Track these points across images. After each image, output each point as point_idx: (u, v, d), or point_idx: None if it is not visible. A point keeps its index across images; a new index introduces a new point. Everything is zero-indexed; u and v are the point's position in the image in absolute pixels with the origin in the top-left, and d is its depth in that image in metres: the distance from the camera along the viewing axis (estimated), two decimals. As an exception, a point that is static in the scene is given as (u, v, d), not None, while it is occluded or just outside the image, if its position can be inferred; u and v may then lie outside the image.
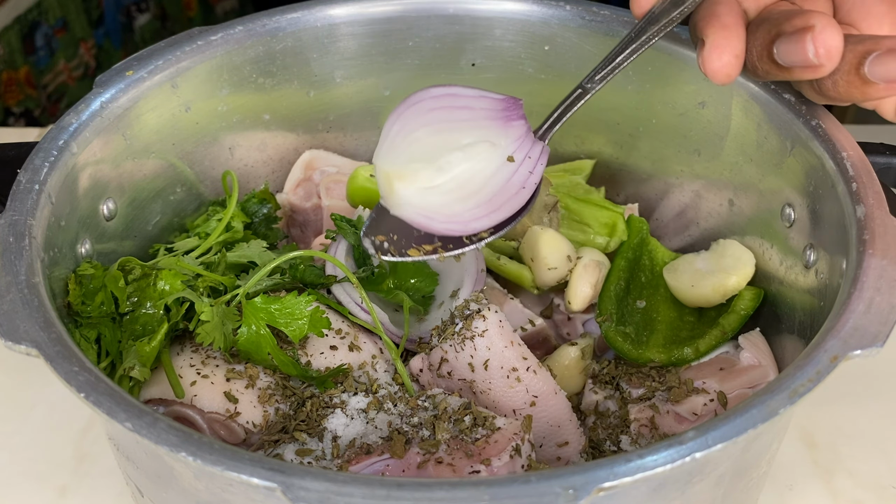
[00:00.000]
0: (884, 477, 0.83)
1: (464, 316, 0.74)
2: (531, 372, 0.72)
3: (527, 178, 0.70)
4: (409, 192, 0.68)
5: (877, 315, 0.59)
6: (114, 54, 2.32)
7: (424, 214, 0.69)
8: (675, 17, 0.68)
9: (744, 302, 0.81)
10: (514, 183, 0.70)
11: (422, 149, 0.69)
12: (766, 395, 0.54)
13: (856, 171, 0.68)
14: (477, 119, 0.70)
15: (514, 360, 0.72)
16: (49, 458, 0.85)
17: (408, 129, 0.69)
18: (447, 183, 0.69)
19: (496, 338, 0.72)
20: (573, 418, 0.74)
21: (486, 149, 0.69)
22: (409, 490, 0.49)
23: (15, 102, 2.02)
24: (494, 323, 0.72)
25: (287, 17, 0.86)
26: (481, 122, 0.70)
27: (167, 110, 0.81)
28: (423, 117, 0.69)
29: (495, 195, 0.69)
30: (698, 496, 0.60)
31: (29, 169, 0.69)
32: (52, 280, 0.66)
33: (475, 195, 0.69)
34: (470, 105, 0.70)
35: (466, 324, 0.72)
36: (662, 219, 0.93)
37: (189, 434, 0.52)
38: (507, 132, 0.70)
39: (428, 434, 0.66)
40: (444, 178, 0.69)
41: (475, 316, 0.72)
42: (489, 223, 0.70)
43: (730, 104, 0.81)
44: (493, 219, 0.70)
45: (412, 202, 0.69)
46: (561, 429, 0.74)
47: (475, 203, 0.69)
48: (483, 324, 0.72)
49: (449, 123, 0.69)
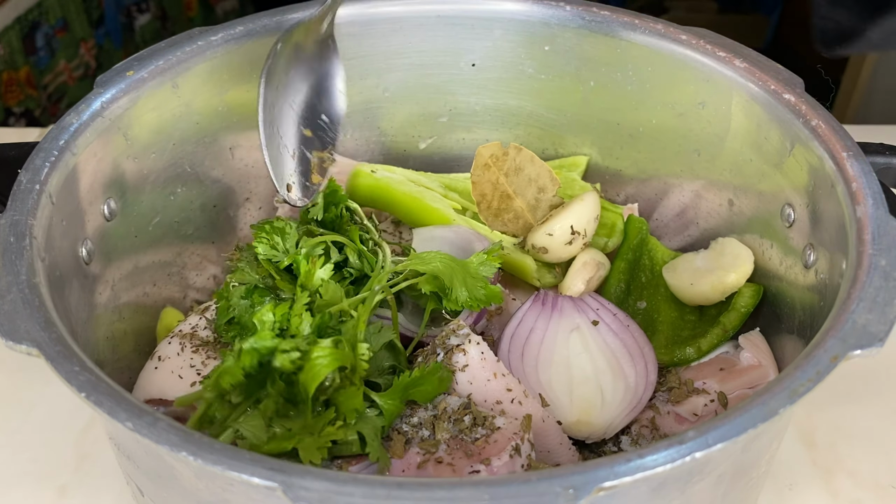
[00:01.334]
0: (884, 477, 0.83)
1: (445, 348, 0.72)
2: (516, 403, 0.71)
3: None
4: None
5: (877, 315, 0.59)
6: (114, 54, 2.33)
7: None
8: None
9: (743, 299, 0.81)
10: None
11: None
12: (766, 395, 0.54)
13: (856, 171, 0.68)
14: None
15: (498, 392, 0.71)
16: (49, 458, 0.85)
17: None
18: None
19: (478, 372, 0.70)
20: (564, 440, 0.73)
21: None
22: (409, 490, 0.49)
23: (15, 102, 2.03)
24: (476, 357, 0.71)
25: (287, 17, 0.86)
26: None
27: (167, 110, 0.81)
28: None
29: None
30: (698, 496, 0.60)
31: (30, 169, 0.69)
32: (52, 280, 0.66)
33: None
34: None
35: (447, 357, 0.71)
36: (662, 219, 0.93)
37: (190, 434, 0.52)
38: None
39: (428, 434, 0.66)
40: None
41: (455, 350, 0.71)
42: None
43: (730, 104, 0.81)
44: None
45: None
46: (552, 453, 0.73)
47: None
48: (464, 358, 0.70)
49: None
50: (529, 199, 0.86)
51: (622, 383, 0.76)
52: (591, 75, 0.89)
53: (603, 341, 0.78)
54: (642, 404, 0.76)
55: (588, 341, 0.77)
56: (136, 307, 0.81)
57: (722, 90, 0.81)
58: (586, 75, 0.89)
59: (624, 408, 0.75)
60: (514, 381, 0.71)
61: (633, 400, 0.75)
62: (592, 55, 0.87)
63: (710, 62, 0.81)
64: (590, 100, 0.91)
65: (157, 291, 0.85)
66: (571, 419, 0.74)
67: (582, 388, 0.75)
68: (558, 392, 0.75)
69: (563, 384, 0.76)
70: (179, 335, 0.77)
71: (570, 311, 0.79)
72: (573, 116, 0.93)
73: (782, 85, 0.76)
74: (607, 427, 0.75)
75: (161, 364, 0.74)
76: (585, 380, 0.76)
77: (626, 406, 0.75)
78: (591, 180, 0.95)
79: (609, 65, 0.87)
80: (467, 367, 0.70)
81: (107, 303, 0.76)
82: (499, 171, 0.85)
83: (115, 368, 0.76)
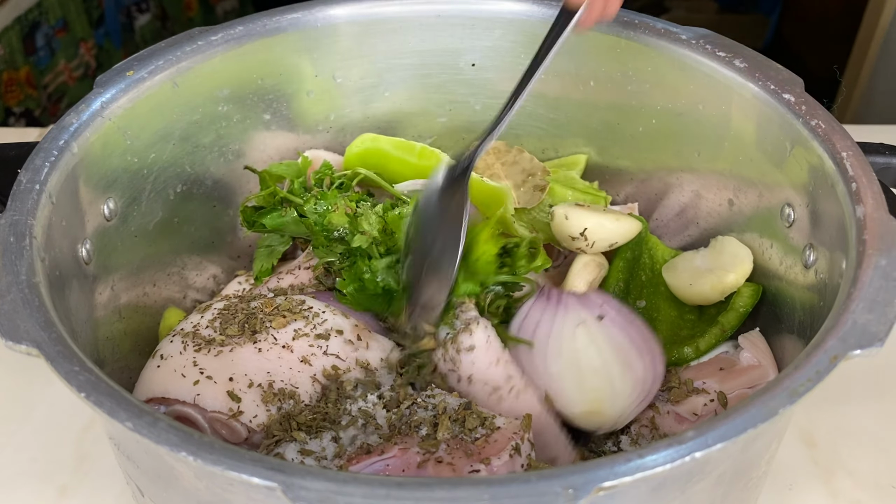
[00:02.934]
0: (884, 477, 0.83)
1: (453, 326, 0.73)
2: (514, 394, 0.72)
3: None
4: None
5: (877, 315, 0.58)
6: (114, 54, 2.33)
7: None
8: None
9: (742, 299, 0.81)
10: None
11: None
12: (765, 394, 0.54)
13: (856, 171, 0.68)
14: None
15: (498, 378, 0.72)
16: (49, 458, 0.85)
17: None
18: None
19: (482, 355, 0.72)
20: (560, 436, 0.74)
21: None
22: (410, 489, 0.49)
23: (15, 102, 2.03)
24: (482, 340, 0.72)
25: (287, 17, 0.86)
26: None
27: (167, 110, 0.81)
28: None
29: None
30: (698, 496, 0.60)
31: (29, 169, 0.69)
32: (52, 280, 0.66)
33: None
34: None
35: (454, 335, 0.72)
36: (662, 218, 0.93)
37: (190, 434, 0.52)
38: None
39: (427, 433, 0.66)
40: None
41: (463, 331, 0.72)
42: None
43: (730, 104, 0.81)
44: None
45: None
46: (548, 447, 0.74)
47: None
48: (470, 339, 0.72)
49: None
50: (517, 180, 0.87)
51: (630, 375, 0.76)
52: (591, 75, 0.89)
53: (609, 335, 0.77)
54: (651, 396, 0.76)
55: (594, 335, 0.77)
56: (136, 307, 0.81)
57: (722, 90, 0.81)
58: (586, 75, 0.89)
59: (634, 399, 0.75)
60: (516, 370, 0.72)
61: (643, 391, 0.75)
62: (592, 55, 0.87)
63: (710, 62, 0.81)
64: (590, 100, 0.91)
65: (157, 291, 0.85)
66: (582, 410, 0.74)
67: (592, 380, 0.75)
68: (567, 384, 0.75)
69: (573, 376, 0.75)
70: (181, 333, 0.77)
71: (575, 306, 0.79)
72: (573, 116, 0.93)
73: (782, 85, 0.76)
74: (618, 418, 0.75)
75: (163, 362, 0.74)
76: (594, 371, 0.75)
77: (635, 397, 0.75)
78: (591, 179, 0.95)
79: (609, 65, 0.87)
80: (473, 348, 0.72)
81: (107, 303, 0.76)
82: (497, 160, 0.86)
83: (115, 368, 0.76)
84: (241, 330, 0.75)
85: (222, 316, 0.78)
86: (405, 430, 0.67)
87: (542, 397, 0.74)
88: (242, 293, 0.84)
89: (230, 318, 0.77)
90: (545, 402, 0.74)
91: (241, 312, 0.77)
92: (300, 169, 0.87)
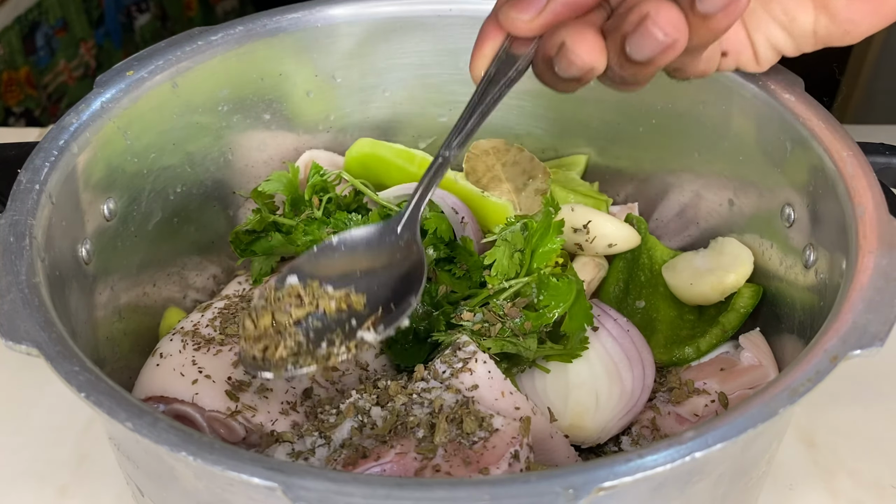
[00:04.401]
0: (884, 477, 0.83)
1: (451, 364, 0.70)
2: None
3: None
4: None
5: (877, 315, 0.58)
6: (114, 54, 2.33)
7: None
8: (511, 75, 0.62)
9: (743, 300, 0.81)
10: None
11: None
12: (766, 395, 0.54)
13: (856, 171, 0.68)
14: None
15: (505, 411, 0.69)
16: (49, 458, 0.85)
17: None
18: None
19: (486, 392, 0.69)
20: (571, 455, 0.72)
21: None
22: (410, 490, 0.49)
23: (15, 102, 2.03)
24: (483, 376, 0.69)
25: (287, 17, 0.86)
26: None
27: (167, 110, 0.81)
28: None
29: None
30: (698, 496, 0.60)
31: (29, 169, 0.69)
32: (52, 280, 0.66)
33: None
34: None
35: (455, 373, 0.69)
36: (662, 218, 0.93)
37: (189, 434, 0.52)
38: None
39: (424, 436, 0.64)
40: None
41: (461, 370, 0.69)
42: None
43: (730, 104, 0.81)
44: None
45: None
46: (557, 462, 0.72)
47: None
48: (471, 378, 0.69)
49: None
50: (518, 184, 0.87)
51: (618, 388, 0.75)
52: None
53: (602, 347, 0.77)
54: (638, 408, 0.76)
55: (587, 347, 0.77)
56: (135, 307, 0.81)
57: (722, 90, 0.81)
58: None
59: (618, 412, 0.75)
60: (521, 398, 0.70)
61: (629, 403, 0.75)
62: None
63: (710, 62, 0.81)
64: (589, 99, 0.91)
65: (157, 291, 0.85)
66: (564, 424, 0.74)
67: (577, 393, 0.75)
68: (553, 398, 0.75)
69: (560, 390, 0.75)
70: (181, 332, 0.77)
71: None
72: (573, 116, 0.93)
73: (782, 85, 0.76)
74: (601, 431, 0.74)
75: (163, 361, 0.74)
76: (581, 384, 0.75)
77: (620, 410, 0.75)
78: (591, 179, 0.95)
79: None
80: (476, 387, 0.69)
81: (107, 303, 0.76)
82: (497, 160, 0.86)
83: (115, 368, 0.76)
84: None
85: (223, 315, 0.78)
86: (401, 430, 0.65)
87: (548, 416, 0.74)
88: (243, 293, 0.84)
89: (230, 317, 0.77)
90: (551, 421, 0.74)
91: (241, 312, 0.77)
92: (291, 181, 0.85)
